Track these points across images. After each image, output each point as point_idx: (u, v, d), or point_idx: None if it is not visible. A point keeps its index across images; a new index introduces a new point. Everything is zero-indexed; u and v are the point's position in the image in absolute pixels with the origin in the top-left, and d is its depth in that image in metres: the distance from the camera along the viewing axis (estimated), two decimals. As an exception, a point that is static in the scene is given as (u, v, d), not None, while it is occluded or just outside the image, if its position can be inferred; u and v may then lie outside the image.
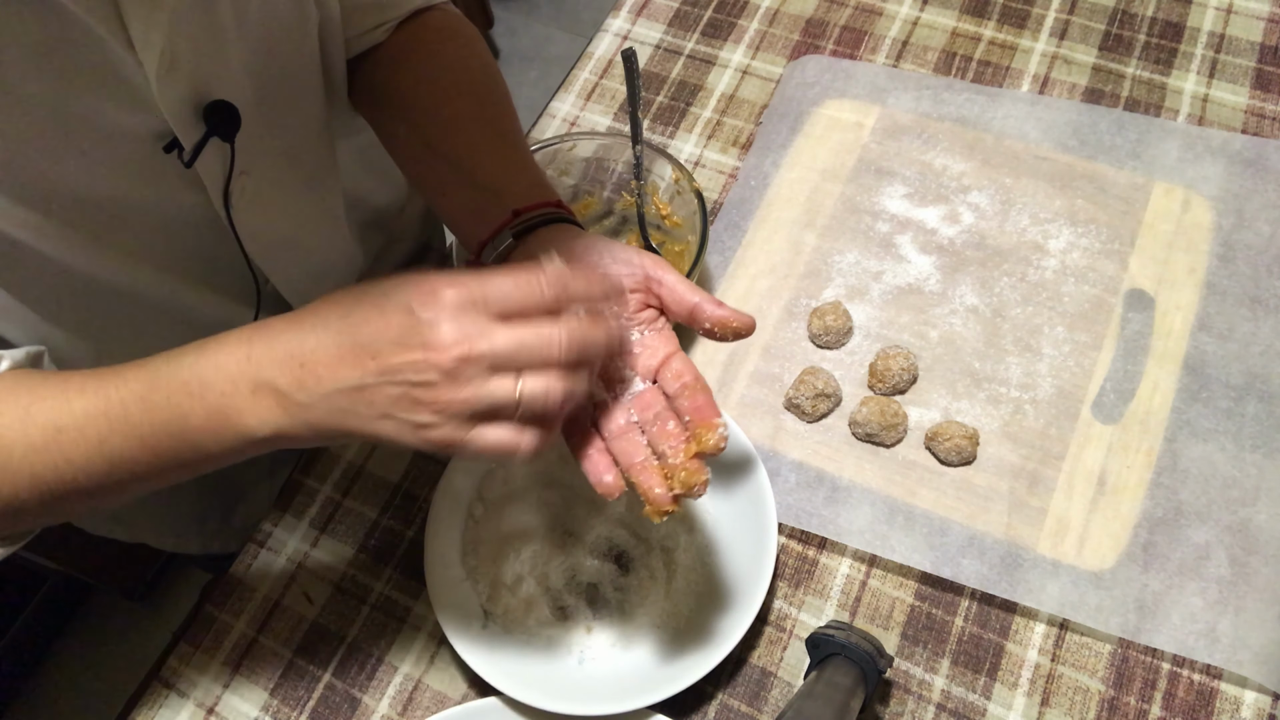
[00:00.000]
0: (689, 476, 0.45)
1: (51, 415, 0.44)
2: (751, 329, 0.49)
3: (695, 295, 0.50)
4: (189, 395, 0.42)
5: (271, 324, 0.43)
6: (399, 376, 0.40)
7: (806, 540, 0.65)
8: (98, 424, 0.43)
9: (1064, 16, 0.85)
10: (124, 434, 0.43)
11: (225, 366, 0.42)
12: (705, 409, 0.47)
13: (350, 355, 0.40)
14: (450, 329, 0.40)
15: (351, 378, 0.40)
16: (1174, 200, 0.74)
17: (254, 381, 0.41)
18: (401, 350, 0.40)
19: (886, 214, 0.76)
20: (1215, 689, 0.58)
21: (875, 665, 0.54)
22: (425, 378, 0.40)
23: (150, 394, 0.43)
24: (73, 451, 0.44)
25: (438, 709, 0.61)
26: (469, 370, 0.40)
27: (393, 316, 0.40)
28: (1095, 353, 0.68)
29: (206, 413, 0.42)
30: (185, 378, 0.42)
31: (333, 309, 0.42)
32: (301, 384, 0.41)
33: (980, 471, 0.65)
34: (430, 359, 0.40)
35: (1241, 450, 0.64)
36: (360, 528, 0.69)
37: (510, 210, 0.54)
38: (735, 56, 0.87)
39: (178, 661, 0.65)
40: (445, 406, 0.40)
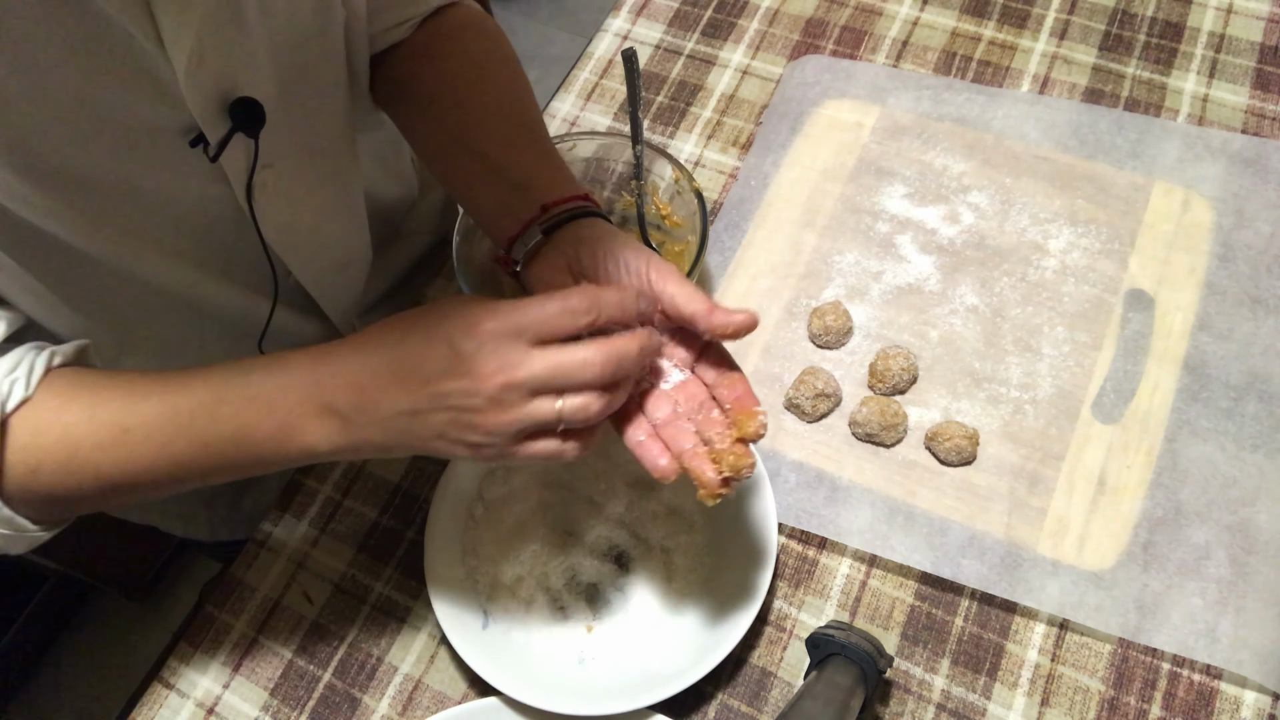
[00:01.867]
0: (736, 460, 0.48)
1: (118, 416, 0.46)
2: (752, 325, 0.50)
3: (691, 306, 0.50)
4: (256, 411, 0.46)
5: (334, 349, 0.47)
6: (448, 402, 0.44)
7: (806, 540, 0.65)
8: (165, 429, 0.46)
9: (1064, 16, 0.85)
10: (189, 439, 0.46)
11: (293, 388, 0.46)
12: (745, 398, 0.50)
13: (404, 382, 0.44)
14: (491, 359, 0.43)
15: (406, 403, 0.44)
16: (1174, 200, 0.74)
17: (319, 404, 0.45)
18: (449, 379, 0.44)
19: (886, 214, 0.76)
20: (1215, 689, 0.58)
21: (875, 665, 0.54)
22: (472, 403, 0.44)
23: (218, 406, 0.46)
24: (138, 452, 0.46)
25: (438, 709, 0.61)
26: (511, 395, 0.44)
27: (438, 348, 0.44)
28: (1095, 353, 0.68)
29: (274, 428, 0.46)
30: (254, 394, 0.46)
31: (386, 338, 0.46)
32: (361, 408, 0.45)
33: (980, 471, 0.65)
34: (475, 387, 0.43)
35: (1241, 450, 0.64)
36: (360, 528, 0.69)
37: (539, 205, 0.55)
38: (735, 56, 0.87)
39: (178, 661, 0.65)
40: (493, 428, 0.44)
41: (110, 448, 0.46)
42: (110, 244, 0.53)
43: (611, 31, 0.91)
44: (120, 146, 0.48)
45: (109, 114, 0.47)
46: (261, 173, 0.55)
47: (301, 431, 0.46)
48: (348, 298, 0.73)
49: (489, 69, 0.63)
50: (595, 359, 0.44)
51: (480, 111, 0.61)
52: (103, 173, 0.49)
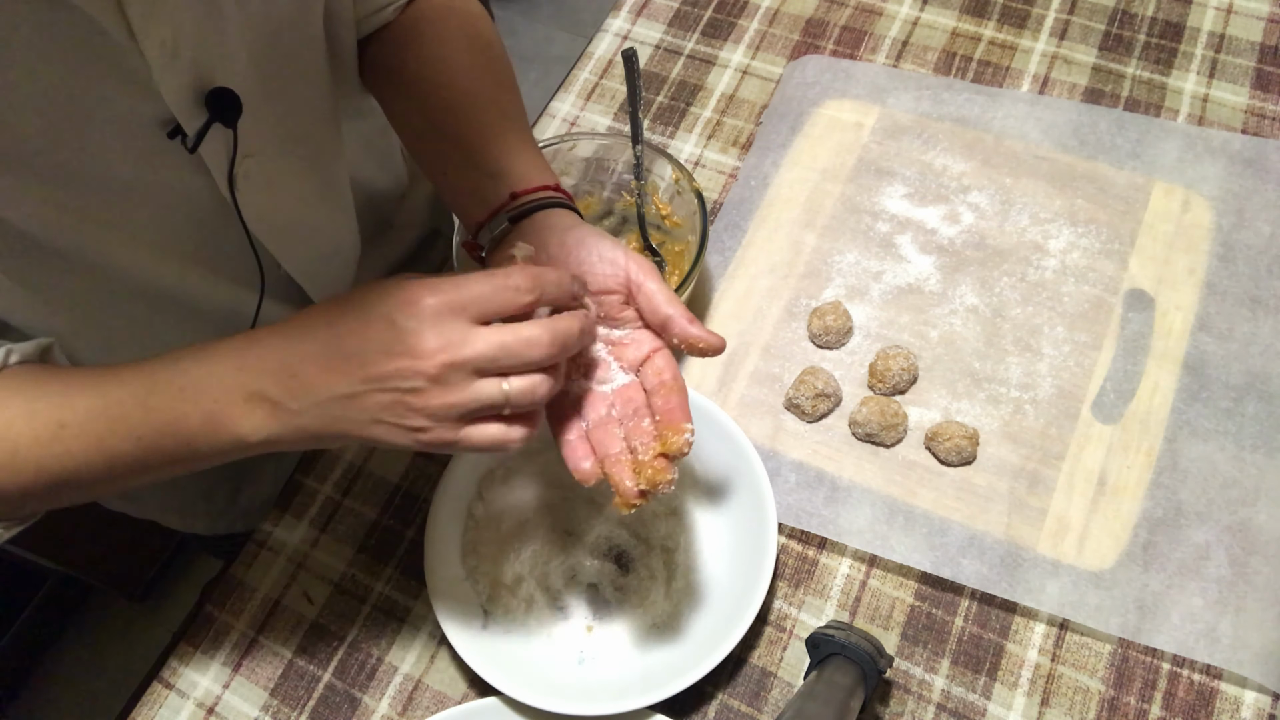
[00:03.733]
0: (654, 475, 0.47)
1: (55, 412, 0.45)
2: (719, 350, 0.50)
3: (670, 308, 0.50)
4: (185, 400, 0.44)
5: (263, 333, 0.45)
6: (387, 384, 0.42)
7: (806, 540, 0.65)
8: (97, 423, 0.45)
9: (1064, 16, 0.85)
10: (122, 434, 0.45)
11: (220, 375, 0.44)
12: (675, 412, 0.49)
13: (339, 365, 0.42)
14: (433, 336, 0.42)
15: (341, 386, 0.42)
16: (1174, 200, 0.74)
17: (247, 390, 0.43)
18: (388, 359, 0.42)
19: (886, 214, 0.76)
20: (1215, 689, 0.58)
21: (875, 665, 0.54)
22: (413, 384, 0.42)
23: (148, 397, 0.45)
24: (74, 447, 0.45)
25: (438, 709, 0.61)
26: (454, 375, 0.42)
27: (376, 326, 0.42)
28: (1095, 353, 0.68)
29: (201, 418, 0.44)
30: (182, 384, 0.44)
31: (319, 319, 0.44)
32: (293, 393, 0.43)
33: (980, 471, 0.65)
34: (416, 366, 0.42)
35: (1241, 450, 0.64)
36: (360, 528, 0.69)
37: (508, 193, 0.55)
38: (735, 56, 0.87)
39: (178, 661, 0.65)
40: (435, 411, 0.42)
41: (48, 444, 0.45)
42: (93, 239, 0.53)
43: (611, 31, 0.90)
44: (99, 140, 0.48)
45: (86, 107, 0.46)
46: (243, 162, 0.54)
47: (230, 420, 0.44)
48: (338, 288, 0.72)
49: (468, 54, 0.63)
50: (543, 337, 0.43)
51: (459, 96, 0.60)
52: (82, 167, 0.49)
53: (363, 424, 0.43)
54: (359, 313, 0.43)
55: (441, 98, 0.61)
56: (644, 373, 0.51)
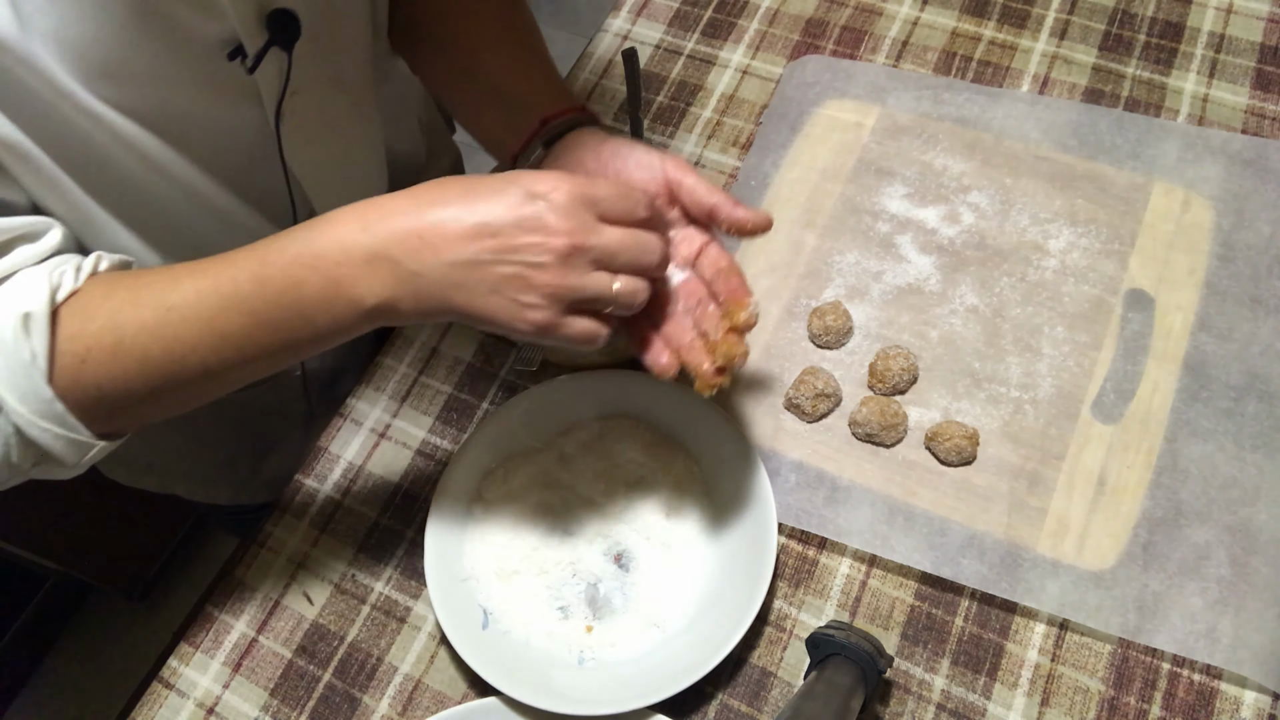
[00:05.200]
0: (729, 349, 0.50)
1: (161, 295, 0.45)
2: (768, 225, 0.52)
3: (714, 196, 0.52)
4: (303, 266, 0.44)
5: (386, 200, 0.45)
6: (515, 256, 0.44)
7: (806, 540, 0.65)
8: (208, 300, 0.45)
9: (1064, 16, 0.85)
10: (236, 308, 0.45)
11: (341, 238, 0.44)
12: (738, 290, 0.52)
13: (471, 231, 0.44)
14: (565, 219, 0.44)
15: (468, 252, 0.44)
16: (1174, 200, 0.74)
17: (369, 251, 0.44)
18: (521, 232, 0.44)
19: (886, 214, 0.76)
20: (1215, 689, 0.58)
21: (875, 665, 0.54)
22: (540, 260, 0.44)
23: (262, 269, 0.45)
24: (183, 329, 0.45)
25: (438, 709, 0.61)
26: (578, 260, 0.44)
27: (513, 199, 0.44)
28: (1095, 353, 0.68)
29: (321, 282, 0.44)
30: (298, 250, 0.45)
31: (452, 187, 0.45)
32: (418, 255, 0.44)
33: (980, 471, 0.65)
34: (547, 243, 0.44)
35: (1241, 450, 0.64)
36: (360, 528, 0.69)
37: (538, 119, 0.57)
38: (735, 56, 0.87)
39: (178, 661, 0.65)
40: (553, 290, 0.44)
41: (155, 328, 0.45)
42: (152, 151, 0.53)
43: (611, 31, 0.90)
44: (165, 57, 0.49)
45: (157, 22, 0.47)
46: (290, 99, 0.56)
47: (351, 281, 0.44)
48: None
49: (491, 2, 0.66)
50: (658, 245, 0.47)
51: (481, 39, 0.63)
52: (147, 81, 0.49)
53: (480, 293, 0.44)
54: (495, 185, 0.45)
55: (465, 43, 0.64)
56: (700, 265, 0.54)
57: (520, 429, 0.68)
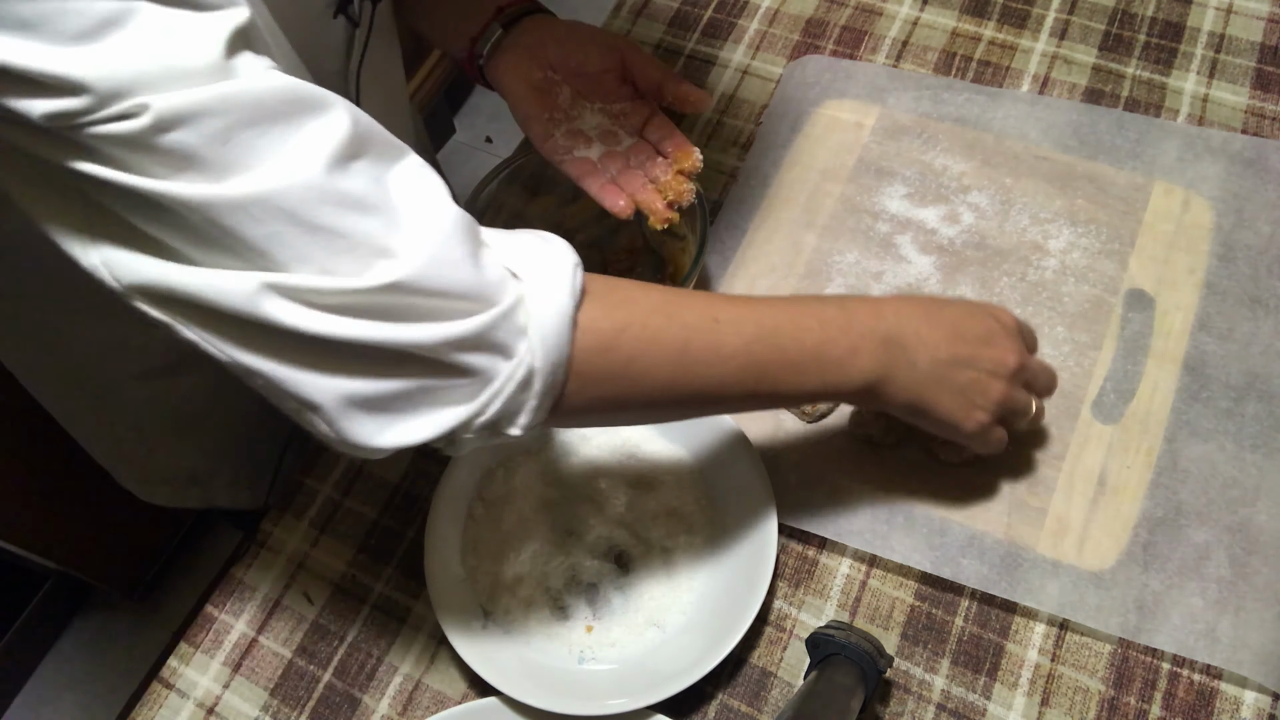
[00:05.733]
0: (677, 187, 0.61)
1: (708, 307, 0.49)
2: (707, 102, 0.62)
3: (659, 73, 0.62)
4: (837, 328, 0.51)
5: (884, 301, 0.54)
6: (982, 365, 0.54)
7: (806, 540, 0.65)
8: (747, 326, 0.49)
9: (1064, 16, 0.85)
10: (771, 344, 0.50)
11: (861, 318, 0.52)
12: (683, 143, 0.63)
13: (957, 338, 0.54)
14: (1015, 344, 0.56)
15: (952, 351, 0.53)
16: (1174, 200, 0.74)
17: (884, 335, 0.52)
18: (988, 347, 0.54)
19: (886, 214, 0.76)
20: (1215, 689, 0.58)
21: (875, 665, 0.54)
22: (997, 371, 0.54)
23: (801, 319, 0.51)
24: (726, 340, 0.48)
25: (438, 709, 0.61)
26: (1018, 378, 0.56)
27: (983, 321, 0.56)
28: (1095, 353, 0.68)
29: (846, 348, 0.51)
30: (831, 317, 0.52)
31: (932, 303, 0.56)
32: (916, 348, 0.52)
33: (980, 471, 0.65)
34: (1005, 359, 0.55)
35: (1241, 450, 0.64)
36: (360, 528, 0.69)
37: (495, 6, 0.63)
38: (735, 56, 0.87)
39: (178, 661, 0.65)
40: (999, 399, 0.55)
41: (700, 330, 0.48)
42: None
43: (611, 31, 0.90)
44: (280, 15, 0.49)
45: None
46: (369, 51, 0.60)
47: (862, 354, 0.51)
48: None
49: None
50: (1054, 377, 0.60)
51: None
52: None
53: (948, 392, 0.53)
54: (966, 307, 0.56)
55: None
56: (647, 131, 0.64)
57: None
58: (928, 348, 0.52)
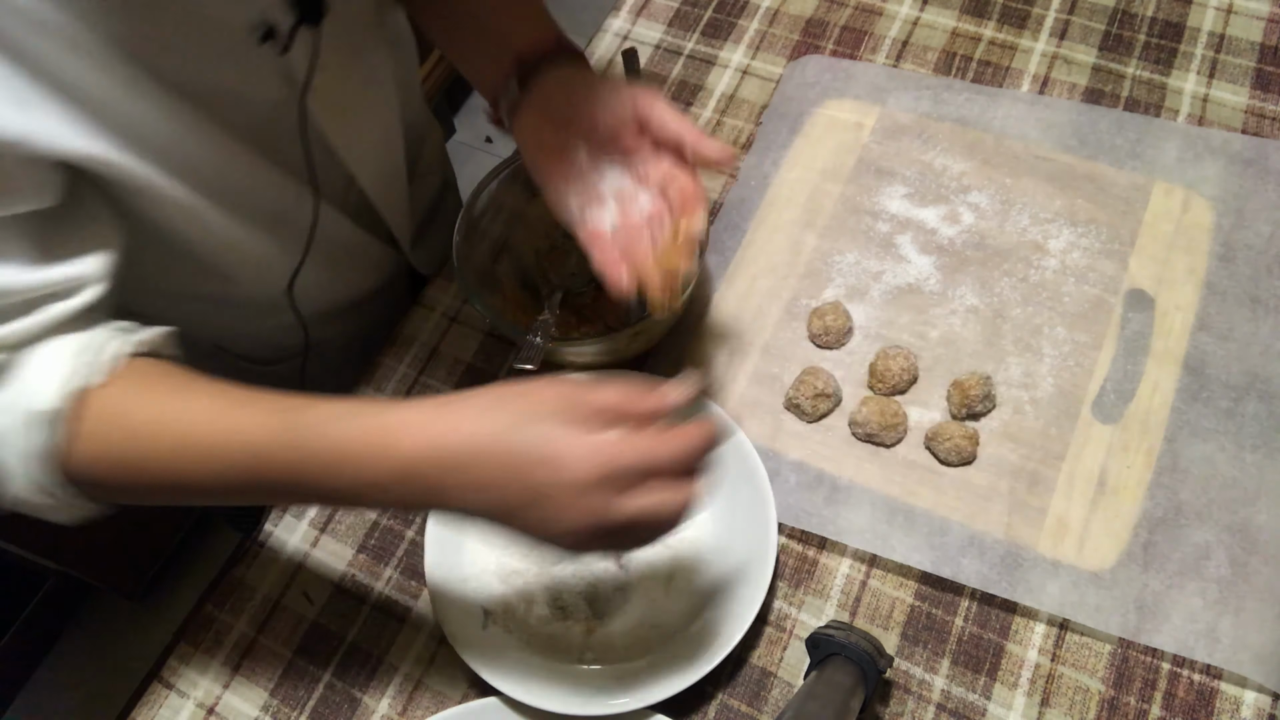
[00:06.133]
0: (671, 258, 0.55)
1: (185, 430, 0.48)
2: (730, 159, 0.55)
3: (681, 127, 0.55)
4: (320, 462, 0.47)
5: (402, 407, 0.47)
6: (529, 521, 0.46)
7: (806, 540, 0.65)
8: (223, 455, 0.47)
9: (1064, 16, 0.85)
10: (245, 472, 0.47)
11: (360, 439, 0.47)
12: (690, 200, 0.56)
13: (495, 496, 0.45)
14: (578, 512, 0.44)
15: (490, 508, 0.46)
16: (1174, 200, 0.74)
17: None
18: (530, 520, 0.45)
19: (886, 214, 0.76)
20: (1215, 689, 0.58)
21: (875, 665, 0.54)
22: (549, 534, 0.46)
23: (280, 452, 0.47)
24: (196, 470, 0.48)
25: (438, 709, 0.61)
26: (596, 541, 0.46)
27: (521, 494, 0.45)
28: (1095, 353, 0.68)
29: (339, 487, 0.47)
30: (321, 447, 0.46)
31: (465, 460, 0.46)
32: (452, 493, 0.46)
33: (980, 471, 0.65)
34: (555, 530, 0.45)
35: (1241, 450, 0.64)
36: (360, 528, 0.69)
37: (514, 56, 0.60)
38: (735, 56, 0.87)
39: (178, 661, 0.65)
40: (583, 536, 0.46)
41: (170, 459, 0.48)
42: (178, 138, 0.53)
43: (611, 31, 0.91)
44: (192, 46, 0.50)
45: (182, 13, 0.48)
46: (319, 74, 0.57)
47: (370, 489, 0.46)
48: (402, 209, 0.76)
49: None
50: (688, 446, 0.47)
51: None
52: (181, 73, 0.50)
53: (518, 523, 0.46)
54: (504, 459, 0.44)
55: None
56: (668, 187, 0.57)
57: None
58: (483, 493, 0.45)
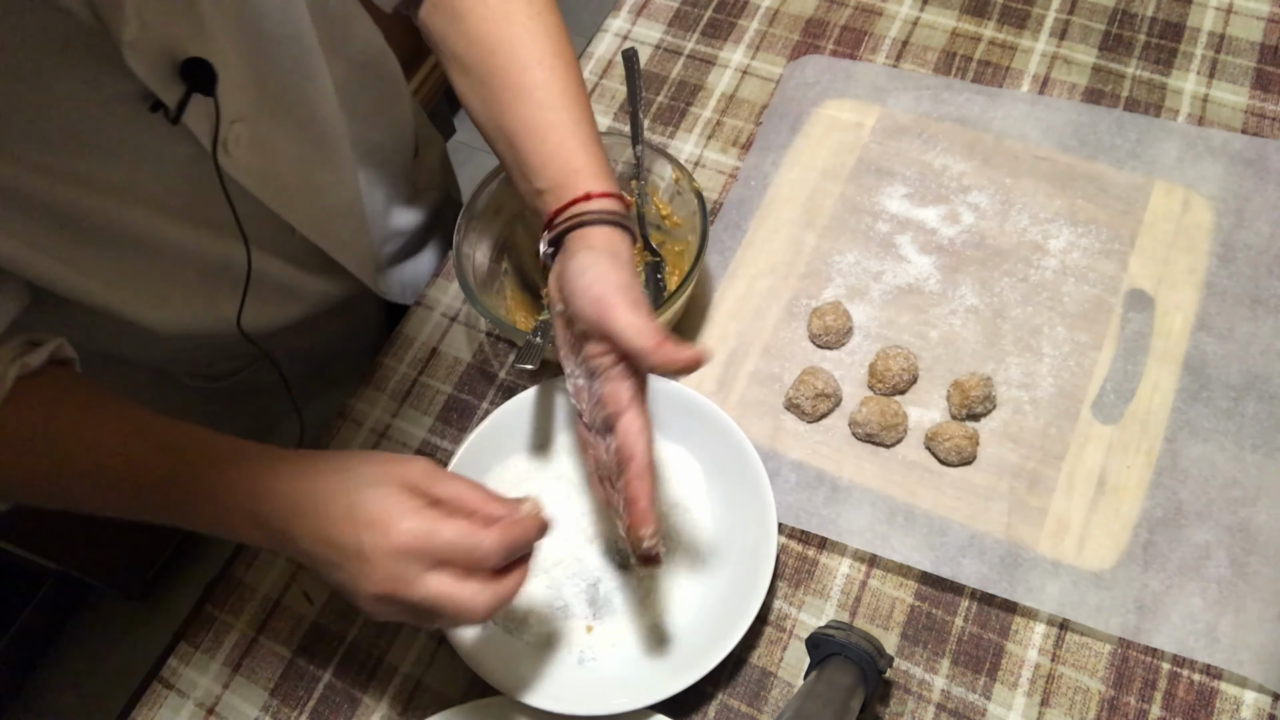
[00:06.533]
0: (634, 544, 0.51)
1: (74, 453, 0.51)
2: (697, 363, 0.49)
3: (639, 341, 0.49)
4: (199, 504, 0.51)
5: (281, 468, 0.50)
6: (343, 578, 0.48)
7: (806, 540, 0.65)
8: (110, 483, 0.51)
9: (1064, 16, 0.85)
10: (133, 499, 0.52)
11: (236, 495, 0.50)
12: (635, 507, 0.51)
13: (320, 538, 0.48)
14: (383, 576, 0.46)
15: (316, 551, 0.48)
16: (1174, 200, 0.74)
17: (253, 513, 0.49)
18: (339, 571, 0.48)
19: (886, 214, 0.76)
20: (1215, 689, 0.58)
21: (875, 665, 0.54)
22: (359, 590, 0.48)
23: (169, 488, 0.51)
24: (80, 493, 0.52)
25: (438, 709, 0.61)
26: (390, 607, 0.48)
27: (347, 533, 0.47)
28: (1095, 353, 0.68)
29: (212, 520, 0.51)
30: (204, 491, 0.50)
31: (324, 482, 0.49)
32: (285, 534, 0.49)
33: (980, 471, 0.65)
34: (360, 588, 0.47)
35: (1241, 450, 0.64)
36: (360, 528, 0.68)
37: (548, 215, 0.56)
38: (735, 56, 0.87)
39: (178, 661, 0.65)
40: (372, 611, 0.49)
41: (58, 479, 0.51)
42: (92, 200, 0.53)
43: (611, 31, 0.91)
44: (85, 114, 0.49)
45: (67, 88, 0.47)
46: (232, 127, 0.55)
47: (235, 529, 0.50)
48: (358, 246, 0.74)
49: (512, 29, 0.59)
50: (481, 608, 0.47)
51: (505, 90, 0.58)
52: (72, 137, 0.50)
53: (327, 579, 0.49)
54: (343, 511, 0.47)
55: (490, 90, 0.59)
56: (618, 433, 0.52)
57: (520, 429, 0.68)
58: (295, 538, 0.48)
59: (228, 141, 0.55)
